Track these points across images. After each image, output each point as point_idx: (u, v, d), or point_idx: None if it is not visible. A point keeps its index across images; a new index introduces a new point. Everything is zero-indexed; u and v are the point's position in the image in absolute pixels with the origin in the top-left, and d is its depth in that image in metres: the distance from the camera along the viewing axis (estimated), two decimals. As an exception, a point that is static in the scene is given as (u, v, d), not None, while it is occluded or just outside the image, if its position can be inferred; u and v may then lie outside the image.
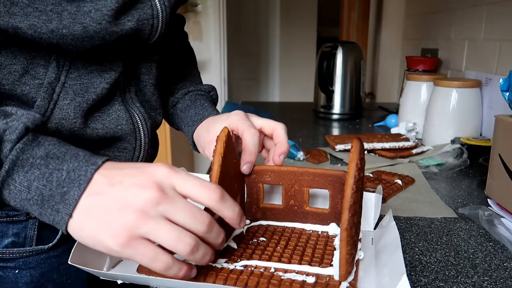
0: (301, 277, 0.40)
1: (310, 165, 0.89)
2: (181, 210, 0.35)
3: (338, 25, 3.05)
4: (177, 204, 0.35)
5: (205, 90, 0.69)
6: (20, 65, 0.45)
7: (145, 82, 0.58)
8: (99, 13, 0.43)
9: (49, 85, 0.46)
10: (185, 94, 0.67)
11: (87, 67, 0.48)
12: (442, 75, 1.25)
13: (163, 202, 0.35)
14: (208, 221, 0.36)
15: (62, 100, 0.47)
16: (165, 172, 0.36)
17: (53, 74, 0.46)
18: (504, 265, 0.50)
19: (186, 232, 0.35)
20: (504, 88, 0.71)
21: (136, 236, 0.34)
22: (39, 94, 0.46)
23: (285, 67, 3.78)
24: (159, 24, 0.50)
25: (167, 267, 0.35)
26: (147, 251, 0.34)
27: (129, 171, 0.37)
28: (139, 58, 0.56)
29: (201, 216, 0.35)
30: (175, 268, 0.36)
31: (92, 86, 0.49)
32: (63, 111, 0.47)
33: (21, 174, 0.36)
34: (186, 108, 0.65)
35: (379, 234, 0.50)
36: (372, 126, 1.32)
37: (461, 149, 0.90)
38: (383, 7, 2.03)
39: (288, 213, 0.52)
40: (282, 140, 0.53)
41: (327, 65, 1.37)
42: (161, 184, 0.35)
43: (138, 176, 0.36)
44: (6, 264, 0.51)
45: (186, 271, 0.37)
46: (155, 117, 0.60)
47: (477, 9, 1.14)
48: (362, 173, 0.43)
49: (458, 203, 0.69)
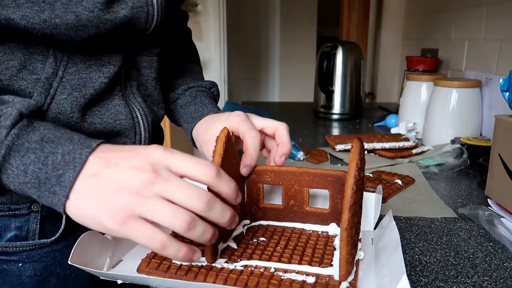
0: (301, 277, 0.40)
1: (310, 165, 0.89)
2: (176, 189, 0.36)
3: (338, 25, 3.05)
4: (172, 183, 0.36)
5: (206, 86, 0.68)
6: (18, 60, 0.46)
7: (146, 76, 0.57)
8: (91, 1, 0.44)
9: (46, 80, 0.47)
10: (185, 90, 0.67)
11: (85, 62, 0.49)
12: (442, 75, 1.25)
13: (158, 182, 0.35)
14: (207, 199, 0.36)
15: (59, 95, 0.47)
16: (159, 153, 0.37)
17: (51, 69, 0.47)
18: (504, 265, 0.50)
19: (183, 209, 0.36)
20: (504, 88, 0.71)
21: (132, 216, 0.35)
22: (36, 89, 0.46)
23: (285, 67, 3.78)
24: (155, 12, 0.50)
25: (163, 246, 0.35)
26: (143, 229, 0.35)
27: (124, 153, 0.38)
28: (139, 52, 0.56)
29: (198, 194, 0.36)
30: (172, 247, 0.36)
31: (90, 80, 0.49)
32: (60, 106, 0.47)
33: (17, 159, 0.36)
34: (186, 104, 0.65)
35: (379, 234, 0.50)
36: (372, 126, 1.32)
37: (461, 149, 0.90)
38: (383, 7, 2.03)
39: (288, 213, 0.52)
40: (284, 140, 0.53)
41: (327, 65, 1.37)
42: (156, 165, 0.36)
43: (133, 158, 0.37)
44: (9, 257, 0.52)
45: (186, 252, 0.37)
46: (157, 111, 0.61)
47: (477, 9, 1.14)
48: (362, 173, 0.43)
49: (458, 203, 0.69)
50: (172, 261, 0.42)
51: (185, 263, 0.42)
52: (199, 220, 0.36)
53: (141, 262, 0.43)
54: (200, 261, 0.43)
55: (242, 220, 0.53)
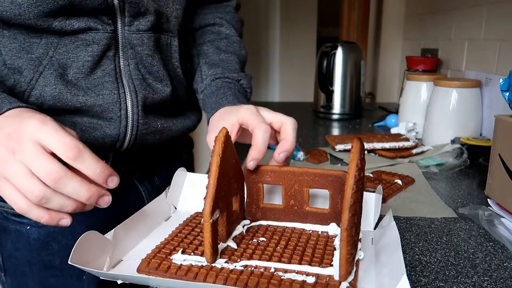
0: (301, 277, 0.40)
1: (310, 165, 0.89)
2: (32, 162, 0.39)
3: (338, 25, 3.05)
4: (29, 156, 0.39)
5: (233, 78, 0.68)
6: (18, 43, 0.53)
7: (140, 54, 0.60)
8: None
9: (37, 58, 0.54)
10: (212, 81, 0.68)
11: (74, 43, 0.55)
12: (442, 75, 1.25)
13: (17, 152, 0.39)
14: (57, 176, 0.39)
15: (47, 71, 0.54)
16: (33, 124, 0.40)
17: (42, 49, 0.54)
18: (504, 265, 0.50)
19: (38, 183, 0.39)
20: (504, 88, 0.71)
21: (1, 177, 0.40)
22: (27, 66, 0.53)
23: (285, 67, 3.78)
24: None
25: (22, 211, 0.40)
26: (8, 192, 0.40)
27: (11, 120, 0.42)
28: (129, 31, 0.58)
29: (49, 170, 0.39)
30: (34, 212, 0.40)
31: (76, 59, 0.55)
32: (46, 79, 0.54)
33: None
34: (210, 95, 0.66)
35: (379, 234, 0.50)
36: (372, 126, 1.32)
37: (461, 149, 0.90)
38: (383, 7, 2.03)
39: (288, 213, 0.52)
40: (287, 136, 0.52)
41: (327, 65, 1.37)
42: (23, 135, 0.39)
43: (10, 126, 0.41)
44: (21, 220, 0.61)
45: (50, 217, 0.41)
46: (161, 89, 0.63)
47: (477, 9, 1.14)
48: (363, 173, 0.43)
49: (458, 203, 0.69)
50: (172, 261, 0.43)
51: (185, 263, 0.42)
52: (54, 195, 0.39)
53: (141, 262, 0.43)
54: (200, 261, 0.43)
55: (242, 220, 0.53)
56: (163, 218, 0.55)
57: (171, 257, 0.43)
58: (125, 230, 0.46)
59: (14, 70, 0.54)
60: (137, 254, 0.45)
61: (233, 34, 0.75)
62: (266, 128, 0.51)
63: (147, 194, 0.73)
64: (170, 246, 0.45)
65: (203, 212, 0.41)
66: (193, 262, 0.42)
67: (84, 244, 0.40)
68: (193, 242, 0.47)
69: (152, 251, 0.45)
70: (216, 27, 0.76)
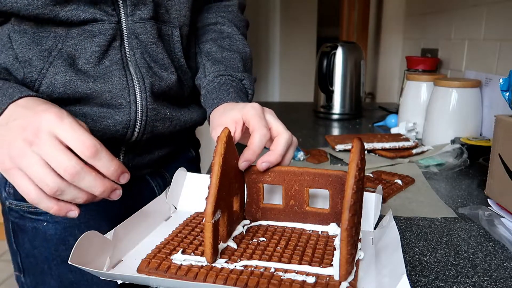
0: (301, 277, 0.40)
1: (310, 165, 0.89)
2: (49, 155, 0.40)
3: (338, 25, 3.05)
4: (46, 149, 0.40)
5: (236, 77, 0.68)
6: (28, 36, 0.55)
7: (145, 42, 0.62)
8: None
9: (47, 50, 0.56)
10: (215, 77, 0.68)
11: (81, 35, 0.57)
12: (442, 75, 1.25)
13: (34, 144, 0.40)
14: (74, 170, 0.40)
15: (57, 60, 0.56)
16: (50, 118, 0.41)
17: (51, 42, 0.56)
18: (504, 265, 0.50)
19: (53, 175, 0.40)
20: (504, 88, 0.71)
21: (15, 167, 0.41)
22: (37, 57, 0.55)
23: (285, 67, 3.78)
24: None
25: (33, 202, 0.41)
26: (21, 182, 0.41)
27: (25, 112, 0.43)
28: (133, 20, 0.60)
29: (66, 165, 0.40)
30: (44, 203, 0.41)
31: (84, 51, 0.57)
32: (56, 68, 0.56)
33: None
34: (212, 90, 0.66)
35: (379, 234, 0.50)
36: (372, 126, 1.32)
37: (461, 149, 0.90)
38: (383, 7, 2.03)
39: (288, 213, 0.52)
40: (276, 148, 0.51)
41: (327, 65, 1.37)
42: (40, 128, 0.41)
43: (26, 118, 0.42)
44: (38, 217, 0.63)
45: (59, 208, 0.42)
46: (166, 76, 0.65)
47: (477, 9, 1.14)
48: (363, 173, 0.43)
49: (458, 203, 0.69)
50: (172, 261, 0.43)
51: (185, 263, 0.42)
52: (69, 188, 0.41)
53: (141, 262, 0.43)
54: (200, 261, 0.43)
55: (242, 220, 0.53)
56: (163, 218, 0.55)
57: (171, 257, 0.43)
58: (125, 230, 0.46)
59: (25, 63, 0.55)
60: (137, 254, 0.45)
61: (235, 33, 0.75)
62: (266, 133, 0.51)
63: (159, 189, 0.75)
64: (170, 246, 0.45)
65: (205, 212, 0.41)
66: (193, 262, 0.42)
67: (84, 244, 0.40)
68: (193, 242, 0.47)
69: (152, 251, 0.45)
70: (218, 26, 0.76)
